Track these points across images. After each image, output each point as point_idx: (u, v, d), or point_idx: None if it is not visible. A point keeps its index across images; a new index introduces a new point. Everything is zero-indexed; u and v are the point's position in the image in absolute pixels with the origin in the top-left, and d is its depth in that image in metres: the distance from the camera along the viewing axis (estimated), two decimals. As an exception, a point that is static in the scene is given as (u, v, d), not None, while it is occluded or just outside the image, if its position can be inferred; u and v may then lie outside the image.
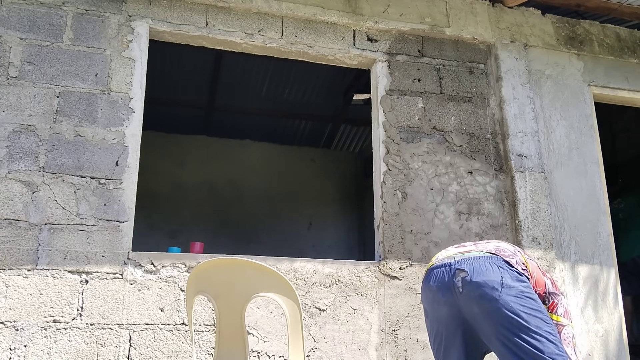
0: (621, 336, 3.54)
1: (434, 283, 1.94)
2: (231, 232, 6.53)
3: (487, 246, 1.95)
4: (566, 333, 1.94)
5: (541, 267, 2.07)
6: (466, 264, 1.87)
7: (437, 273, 1.95)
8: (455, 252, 1.99)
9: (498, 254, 1.89)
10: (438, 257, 2.03)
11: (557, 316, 1.98)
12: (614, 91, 4.09)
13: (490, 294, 1.80)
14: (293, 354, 2.37)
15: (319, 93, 5.81)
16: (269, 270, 2.43)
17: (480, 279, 1.82)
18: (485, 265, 1.85)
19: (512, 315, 1.78)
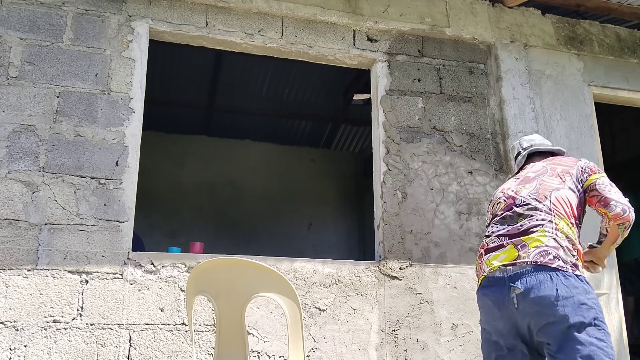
0: (621, 336, 3.54)
1: (490, 297, 2.04)
2: (231, 232, 6.53)
3: (531, 254, 1.98)
4: (609, 182, 2.17)
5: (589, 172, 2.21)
6: (519, 281, 1.93)
7: (492, 287, 2.04)
8: (504, 260, 2.03)
9: (546, 264, 1.93)
10: (491, 262, 2.08)
11: (596, 175, 2.18)
12: (614, 91, 4.09)
13: (547, 311, 1.88)
14: (293, 354, 2.37)
15: (319, 93, 5.81)
16: (269, 270, 2.43)
17: (535, 295, 1.89)
18: (538, 279, 1.91)
19: (568, 330, 1.85)
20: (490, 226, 2.24)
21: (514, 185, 2.29)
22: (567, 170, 2.22)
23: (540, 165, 2.32)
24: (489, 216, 2.32)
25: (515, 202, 2.16)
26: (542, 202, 2.11)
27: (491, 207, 2.33)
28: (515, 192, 2.22)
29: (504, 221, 2.15)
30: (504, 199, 2.24)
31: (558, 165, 2.26)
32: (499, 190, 2.38)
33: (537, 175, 2.24)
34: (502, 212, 2.20)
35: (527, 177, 2.29)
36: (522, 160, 2.45)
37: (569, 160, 2.30)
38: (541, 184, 2.18)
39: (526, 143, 2.52)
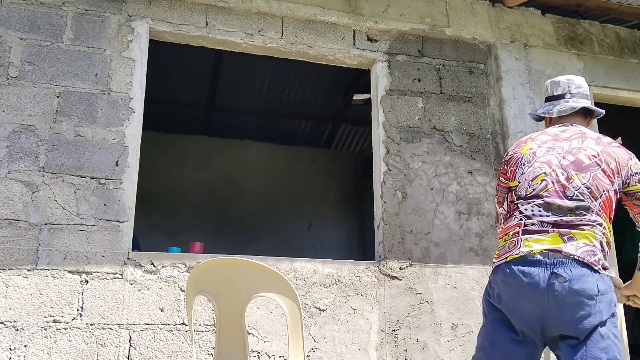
0: (621, 336, 3.54)
1: (528, 277, 1.91)
2: (231, 232, 6.53)
3: (579, 249, 1.93)
4: None
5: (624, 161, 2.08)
6: (563, 270, 1.89)
7: (531, 267, 1.92)
8: (548, 246, 1.94)
9: (591, 265, 1.91)
10: (531, 244, 1.97)
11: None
12: (614, 91, 4.09)
13: (587, 302, 1.87)
14: (293, 354, 2.37)
15: (319, 93, 5.81)
16: (269, 270, 2.43)
17: (579, 286, 1.87)
18: (581, 271, 1.89)
19: (597, 326, 1.87)
20: (527, 203, 2.04)
21: (560, 161, 2.07)
22: (619, 170, 2.07)
23: (593, 146, 2.09)
24: (522, 184, 2.10)
25: (567, 193, 1.99)
26: (595, 202, 2.00)
27: (527, 176, 2.10)
28: (567, 179, 2.02)
29: (549, 208, 1.99)
30: (550, 180, 2.03)
31: (612, 159, 2.06)
32: (534, 146, 2.15)
33: (591, 165, 2.04)
34: (548, 196, 2.01)
35: (578, 159, 2.06)
36: (567, 111, 2.25)
37: (622, 155, 2.10)
38: (595, 180, 2.02)
39: (574, 88, 2.29)
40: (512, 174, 2.18)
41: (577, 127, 2.20)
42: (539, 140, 2.18)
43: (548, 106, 2.32)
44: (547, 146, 2.13)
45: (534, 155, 2.13)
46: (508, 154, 2.26)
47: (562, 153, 2.09)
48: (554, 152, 2.10)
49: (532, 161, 2.11)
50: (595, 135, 2.16)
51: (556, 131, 2.20)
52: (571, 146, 2.11)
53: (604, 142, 2.13)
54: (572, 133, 2.16)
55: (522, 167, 2.13)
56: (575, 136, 2.14)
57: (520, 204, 2.07)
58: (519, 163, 2.16)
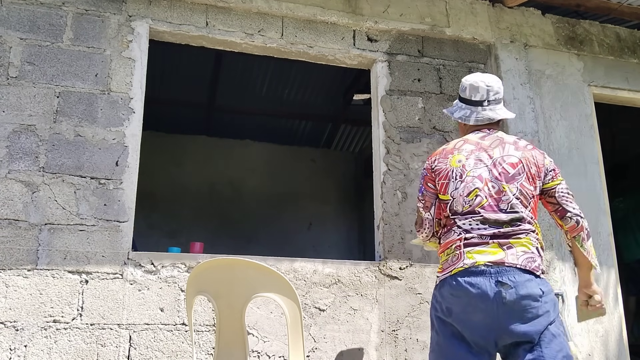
0: (621, 336, 3.54)
1: (475, 288, 1.99)
2: (231, 232, 6.52)
3: (519, 258, 2.02)
4: (567, 186, 2.24)
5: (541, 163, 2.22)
6: (507, 277, 1.97)
7: (477, 277, 2.00)
8: (490, 258, 2.02)
9: (533, 271, 2.01)
10: (474, 256, 2.04)
11: (559, 179, 2.23)
12: (614, 91, 4.09)
13: (534, 305, 1.96)
14: (293, 354, 2.37)
15: (319, 93, 5.81)
16: (269, 270, 2.43)
17: (524, 291, 1.96)
18: (524, 277, 1.98)
19: (549, 325, 1.97)
20: (465, 219, 2.12)
21: (489, 173, 2.16)
22: (539, 173, 2.20)
23: (514, 152, 2.20)
24: (457, 200, 2.16)
25: (500, 207, 2.10)
26: (526, 209, 2.12)
27: (461, 191, 2.16)
28: (498, 192, 2.12)
29: (486, 222, 2.09)
30: (484, 195, 2.12)
31: (532, 164, 2.19)
32: (462, 158, 2.20)
33: (516, 174, 2.15)
34: (484, 211, 2.10)
35: (504, 169, 2.16)
36: (484, 121, 2.31)
37: (538, 156, 2.23)
38: (522, 188, 2.14)
39: (492, 95, 2.33)
40: (443, 187, 2.23)
41: (495, 133, 2.29)
42: (464, 151, 2.24)
43: (465, 110, 2.36)
44: (474, 158, 2.20)
45: (464, 168, 2.19)
46: (434, 162, 2.29)
47: (489, 165, 2.18)
48: (482, 164, 2.18)
49: (464, 175, 2.18)
50: (511, 139, 2.26)
51: (477, 139, 2.27)
52: (495, 156, 2.20)
53: (521, 146, 2.23)
54: (491, 140, 2.25)
55: (455, 182, 2.20)
56: (494, 143, 2.24)
57: (458, 219, 2.14)
58: (450, 177, 2.22)
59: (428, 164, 2.32)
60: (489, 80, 2.35)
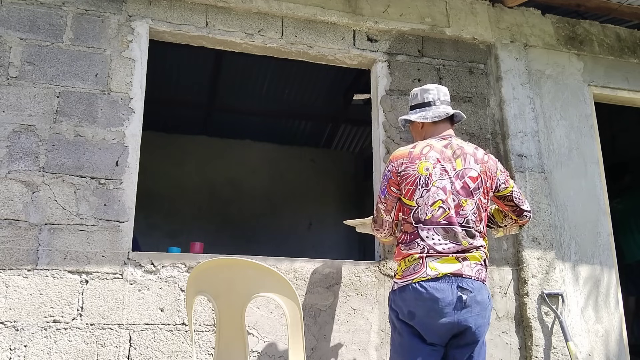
0: (621, 336, 3.54)
1: (438, 294, 2.18)
2: (231, 232, 6.53)
3: (473, 270, 2.26)
4: (518, 188, 2.56)
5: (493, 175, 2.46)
6: (466, 284, 2.21)
7: (440, 283, 2.20)
8: (450, 268, 2.23)
9: (482, 280, 2.28)
10: (436, 267, 2.23)
11: (511, 185, 2.51)
12: (614, 91, 4.09)
13: (485, 309, 2.25)
14: (293, 354, 2.37)
15: (319, 93, 5.81)
16: (269, 270, 2.43)
17: (480, 297, 2.22)
18: (479, 285, 2.24)
19: (487, 326, 2.29)
20: (427, 230, 2.27)
21: (452, 186, 2.32)
22: (492, 185, 2.43)
23: (474, 165, 2.38)
24: (421, 208, 2.30)
25: (459, 220, 2.29)
26: (479, 224, 2.34)
27: (426, 200, 2.30)
28: (458, 206, 2.30)
29: (447, 235, 2.27)
30: (446, 207, 2.29)
31: (489, 177, 2.40)
32: (429, 166, 2.34)
33: (475, 189, 2.35)
34: (445, 223, 2.28)
35: (465, 183, 2.33)
36: (442, 116, 2.50)
37: (492, 167, 2.44)
38: (479, 203, 2.35)
39: (442, 96, 2.55)
40: (409, 192, 2.36)
41: (455, 141, 2.46)
42: (431, 158, 2.37)
43: (421, 112, 2.54)
44: (440, 168, 2.35)
45: (430, 177, 2.34)
46: (401, 165, 2.40)
47: (452, 177, 2.34)
48: (446, 175, 2.34)
49: (430, 185, 2.33)
50: (470, 148, 2.44)
51: (441, 147, 2.42)
52: (457, 168, 2.36)
53: (479, 158, 2.42)
54: (453, 150, 2.41)
55: (421, 190, 2.34)
56: (457, 153, 2.40)
57: (421, 228, 2.30)
58: (417, 184, 2.35)
59: (393, 167, 2.41)
60: (437, 85, 2.60)
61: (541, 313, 3.37)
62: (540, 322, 3.35)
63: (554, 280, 3.45)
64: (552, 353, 3.31)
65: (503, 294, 3.41)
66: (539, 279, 3.42)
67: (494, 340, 3.31)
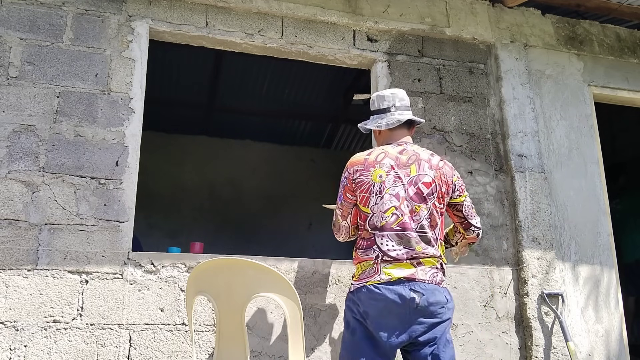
0: (621, 336, 3.54)
1: (391, 295, 2.24)
2: (231, 232, 6.52)
3: (427, 274, 2.30)
4: (470, 202, 2.57)
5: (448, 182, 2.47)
6: (419, 286, 2.25)
7: (394, 286, 2.25)
8: (404, 273, 2.28)
9: (438, 284, 2.31)
10: (390, 272, 2.29)
11: (464, 195, 2.52)
12: (614, 91, 4.09)
13: (439, 311, 2.28)
14: (293, 354, 2.37)
15: (319, 93, 5.81)
16: (269, 270, 2.43)
17: (433, 299, 2.26)
18: (432, 287, 2.28)
19: (447, 329, 2.31)
20: (382, 237, 2.32)
21: (405, 192, 2.36)
22: (448, 191, 2.44)
23: (428, 171, 2.40)
24: (376, 215, 2.36)
25: (412, 226, 2.33)
26: (434, 230, 2.37)
27: (380, 207, 2.35)
28: (412, 212, 2.34)
29: (401, 241, 2.31)
30: (400, 214, 2.33)
31: (444, 182, 2.42)
32: (383, 174, 2.39)
33: (429, 194, 2.37)
34: (398, 229, 2.32)
35: (419, 189, 2.37)
36: (394, 123, 2.52)
37: (448, 173, 2.46)
38: (433, 208, 2.38)
39: (398, 101, 2.56)
40: (364, 199, 2.42)
41: (411, 147, 2.48)
42: (385, 166, 2.42)
43: (377, 119, 2.57)
44: (394, 175, 2.39)
45: (384, 185, 2.38)
46: (356, 173, 2.46)
47: (405, 184, 2.38)
48: (400, 182, 2.38)
49: (383, 192, 2.38)
50: (426, 155, 2.46)
51: (395, 154, 2.45)
52: (411, 174, 2.40)
53: (434, 164, 2.44)
54: (409, 156, 2.44)
55: (375, 197, 2.39)
56: (411, 159, 2.43)
57: (376, 235, 2.35)
58: (371, 191, 2.40)
59: (349, 174, 2.48)
60: (394, 90, 2.62)
61: (541, 313, 3.37)
62: (540, 322, 3.35)
63: (554, 280, 3.45)
64: (552, 353, 3.31)
65: (503, 294, 3.41)
66: (539, 279, 3.42)
67: (494, 340, 3.31)
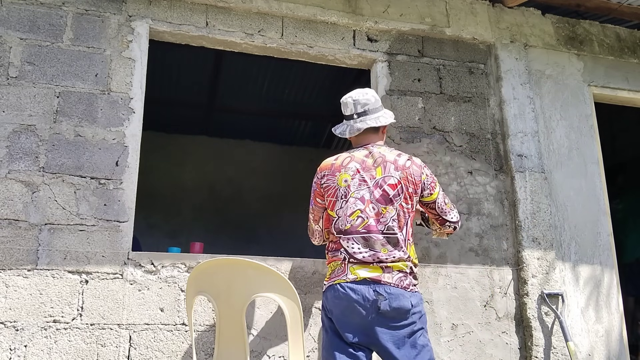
0: (621, 336, 3.54)
1: (354, 295, 2.26)
2: (231, 232, 6.52)
3: (394, 277, 2.30)
4: (444, 198, 2.54)
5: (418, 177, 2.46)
6: (383, 289, 2.26)
7: (357, 286, 2.27)
8: (370, 275, 2.29)
9: (405, 288, 2.30)
10: (357, 272, 2.30)
11: (435, 193, 2.50)
12: (614, 91, 4.09)
13: (402, 316, 2.26)
14: (293, 354, 2.37)
15: (319, 93, 5.80)
16: (269, 270, 2.43)
17: (397, 303, 2.25)
18: (398, 292, 2.27)
19: (414, 334, 2.28)
20: (348, 240, 2.34)
21: (371, 195, 2.37)
22: (416, 190, 2.44)
23: (393, 172, 2.41)
24: (342, 219, 2.38)
25: (379, 228, 2.34)
26: (402, 231, 2.36)
27: (345, 211, 2.38)
28: (378, 214, 2.35)
29: (367, 244, 2.32)
30: (365, 216, 2.34)
31: (411, 183, 2.41)
32: (348, 178, 2.42)
33: (395, 195, 2.38)
34: (364, 232, 2.33)
35: (385, 191, 2.37)
36: (355, 132, 2.53)
37: (416, 172, 2.45)
38: (400, 209, 2.38)
39: (360, 107, 2.55)
40: (330, 204, 2.46)
41: (378, 150, 2.49)
42: (350, 170, 2.45)
43: (342, 126, 2.61)
44: (359, 178, 2.42)
45: (349, 189, 2.41)
46: (323, 178, 2.50)
47: (371, 187, 2.40)
48: (365, 185, 2.40)
49: (348, 196, 2.40)
50: (392, 156, 2.47)
51: (362, 157, 2.48)
52: (377, 177, 2.41)
53: (400, 165, 2.44)
54: (374, 159, 2.46)
55: (340, 201, 2.42)
56: (377, 162, 2.44)
57: (342, 238, 2.37)
58: (337, 195, 2.44)
59: (317, 179, 2.53)
60: (357, 94, 2.58)
61: (541, 313, 3.37)
62: (540, 322, 3.35)
63: (554, 281, 3.45)
64: (552, 353, 3.31)
65: (503, 294, 3.41)
66: (539, 279, 3.42)
67: (494, 340, 3.31)
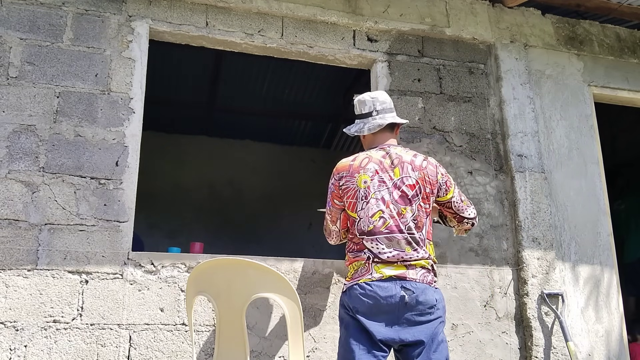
0: (621, 336, 3.54)
1: (382, 292, 2.29)
2: (231, 232, 6.52)
3: (418, 273, 2.35)
4: (460, 195, 2.60)
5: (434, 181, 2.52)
6: (410, 285, 2.30)
7: (384, 284, 2.31)
8: (395, 272, 2.33)
9: (429, 284, 2.36)
10: (382, 270, 2.34)
11: (451, 191, 2.56)
12: (614, 91, 4.09)
13: (428, 311, 2.31)
14: (293, 354, 2.37)
15: (319, 93, 5.81)
16: (269, 270, 2.43)
17: (423, 298, 2.30)
18: (423, 287, 2.33)
19: (438, 327, 2.33)
20: (371, 240, 2.37)
21: (391, 196, 2.41)
22: (432, 190, 2.48)
23: (411, 173, 2.45)
24: (363, 220, 2.41)
25: (400, 228, 2.38)
26: (421, 231, 2.42)
27: (367, 212, 2.40)
28: (399, 214, 2.39)
29: (390, 244, 2.36)
30: (387, 217, 2.38)
31: (428, 183, 2.46)
32: (367, 179, 2.44)
33: (414, 196, 2.42)
34: (387, 232, 2.37)
35: (404, 192, 2.41)
36: (376, 128, 2.57)
37: (432, 172, 2.49)
38: (419, 210, 2.43)
39: (379, 105, 2.60)
40: (351, 205, 2.48)
41: (394, 150, 2.53)
42: (369, 171, 2.47)
43: (359, 124, 2.64)
44: (378, 179, 2.45)
45: (369, 190, 2.44)
46: (341, 179, 2.53)
47: (390, 187, 2.43)
48: (384, 186, 2.44)
49: (369, 197, 2.43)
50: (409, 156, 2.51)
51: (379, 157, 2.51)
52: (395, 177, 2.45)
53: (417, 165, 2.49)
54: (392, 159, 2.49)
55: (361, 202, 2.44)
56: (395, 162, 2.48)
57: (365, 239, 2.40)
58: (357, 197, 2.46)
59: (335, 180, 2.55)
60: (374, 93, 2.66)
61: (541, 313, 3.37)
62: (540, 322, 3.35)
63: (554, 281, 3.45)
64: (552, 353, 3.31)
65: (503, 294, 3.41)
66: (539, 279, 3.42)
67: (494, 340, 3.31)
